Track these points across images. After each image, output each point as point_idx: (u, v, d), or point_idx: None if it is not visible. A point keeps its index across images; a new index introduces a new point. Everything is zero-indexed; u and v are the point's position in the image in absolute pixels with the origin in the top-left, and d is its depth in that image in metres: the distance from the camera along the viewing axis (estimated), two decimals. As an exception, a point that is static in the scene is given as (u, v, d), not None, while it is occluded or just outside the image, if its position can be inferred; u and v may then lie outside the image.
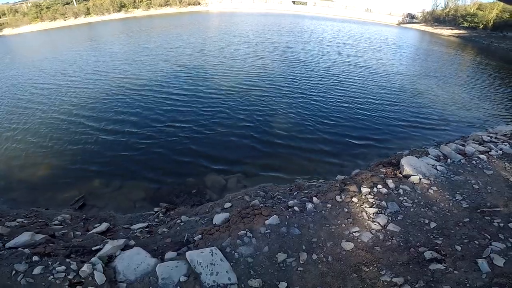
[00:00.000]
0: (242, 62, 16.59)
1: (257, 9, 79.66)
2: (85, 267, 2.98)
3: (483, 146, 6.03)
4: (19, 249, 3.34)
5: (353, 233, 3.43)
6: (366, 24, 54.79)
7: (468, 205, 3.95)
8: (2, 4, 64.55)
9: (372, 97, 11.78)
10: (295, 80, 13.29)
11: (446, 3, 59.82)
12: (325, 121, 9.26)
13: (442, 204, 3.99)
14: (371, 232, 3.47)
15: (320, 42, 26.40)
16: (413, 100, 11.74)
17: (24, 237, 3.68)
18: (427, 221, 3.64)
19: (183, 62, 16.66)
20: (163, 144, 7.77)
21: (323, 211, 3.94)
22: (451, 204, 3.99)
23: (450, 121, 9.82)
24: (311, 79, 13.70)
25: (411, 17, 68.21)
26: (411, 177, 4.67)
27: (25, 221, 4.52)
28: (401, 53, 24.21)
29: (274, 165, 6.94)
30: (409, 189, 4.31)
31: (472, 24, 48.61)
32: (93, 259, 3.21)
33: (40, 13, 58.06)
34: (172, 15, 63.78)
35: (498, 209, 3.84)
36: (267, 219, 3.84)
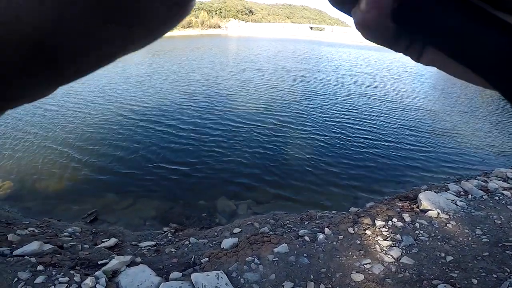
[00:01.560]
0: (252, 91, 16.91)
1: (275, 34, 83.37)
2: (88, 280, 3.12)
3: (507, 183, 5.94)
4: (26, 257, 3.54)
5: (364, 265, 3.45)
6: (385, 50, 55.71)
7: (488, 240, 3.94)
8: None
9: (389, 130, 11.83)
10: (308, 112, 13.51)
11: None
12: (340, 153, 9.36)
13: (461, 239, 3.99)
14: (383, 264, 3.48)
15: (336, 71, 26.74)
16: (433, 134, 11.69)
17: (33, 246, 3.89)
18: (443, 255, 3.65)
19: (192, 90, 16.99)
20: (179, 166, 8.08)
21: (334, 242, 3.99)
22: (470, 238, 4.00)
23: (472, 157, 9.67)
24: (326, 111, 13.90)
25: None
26: (429, 211, 4.67)
27: (36, 231, 4.77)
28: (421, 82, 24.34)
29: (286, 194, 7.05)
30: (426, 223, 4.31)
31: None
32: (97, 272, 3.36)
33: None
34: (194, 37, 67.65)
35: (521, 243, 3.80)
36: (276, 247, 3.92)
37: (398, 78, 25.15)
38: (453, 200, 5.02)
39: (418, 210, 4.88)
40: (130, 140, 9.74)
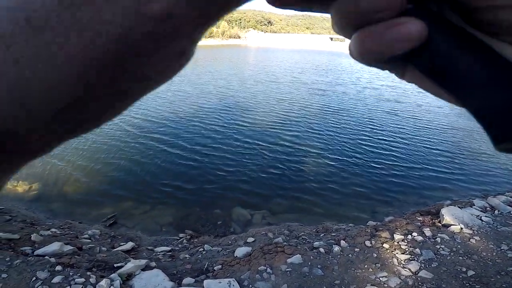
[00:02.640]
0: (267, 104, 16.87)
1: (294, 45, 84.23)
2: (103, 282, 3.26)
3: (539, 199, 5.64)
4: (46, 257, 3.74)
5: (380, 278, 3.41)
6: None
7: (515, 255, 3.79)
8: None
9: (412, 145, 11.50)
10: (326, 124, 13.42)
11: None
12: (359, 167, 9.21)
13: (484, 253, 3.88)
14: (399, 278, 3.42)
15: (357, 83, 26.22)
16: (459, 151, 11.23)
17: (54, 246, 4.09)
18: (464, 269, 3.56)
19: (207, 103, 17.00)
20: (195, 176, 8.31)
21: (350, 255, 3.96)
22: (494, 253, 3.88)
23: (500, 174, 9.17)
24: (345, 123, 13.72)
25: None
26: (452, 226, 4.54)
27: (58, 232, 5.05)
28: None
29: (302, 206, 7.03)
30: (448, 238, 4.21)
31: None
32: (112, 275, 3.50)
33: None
34: (215, 47, 69.93)
35: (550, 259, 3.63)
36: (290, 257, 3.93)
37: (423, 92, 24.16)
38: (478, 216, 4.85)
39: (440, 225, 4.75)
40: (150, 149, 10.12)
